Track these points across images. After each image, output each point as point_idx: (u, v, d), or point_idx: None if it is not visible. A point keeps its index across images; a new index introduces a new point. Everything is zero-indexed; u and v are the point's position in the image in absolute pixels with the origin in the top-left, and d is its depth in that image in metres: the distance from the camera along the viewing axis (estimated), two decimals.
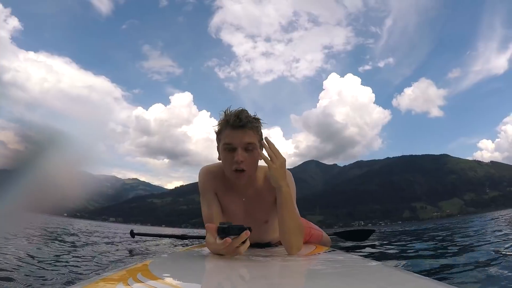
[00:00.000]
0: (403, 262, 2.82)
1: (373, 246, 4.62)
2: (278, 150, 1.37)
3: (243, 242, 1.14)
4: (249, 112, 1.46)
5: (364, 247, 4.49)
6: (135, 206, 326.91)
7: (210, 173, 1.62)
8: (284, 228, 1.39)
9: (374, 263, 1.12)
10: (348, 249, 4.18)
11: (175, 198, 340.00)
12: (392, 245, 4.84)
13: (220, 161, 1.55)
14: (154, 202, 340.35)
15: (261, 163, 1.53)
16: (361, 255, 1.70)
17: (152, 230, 20.05)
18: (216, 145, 1.56)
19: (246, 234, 1.12)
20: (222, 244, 1.11)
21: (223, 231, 1.13)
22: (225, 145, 1.43)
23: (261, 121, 1.50)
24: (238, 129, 1.40)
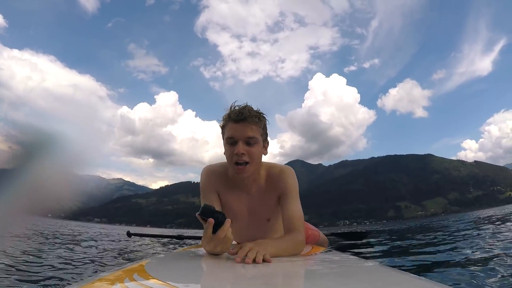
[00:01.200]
0: (400, 262, 2.82)
1: (370, 247, 4.59)
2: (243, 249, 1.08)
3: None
4: (253, 108, 1.46)
5: (361, 247, 4.47)
6: (120, 207, 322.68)
7: (212, 173, 1.61)
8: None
9: (370, 263, 1.11)
10: (345, 250, 4.15)
11: (160, 198, 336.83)
12: (389, 245, 4.83)
13: (224, 161, 1.56)
14: (139, 202, 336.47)
15: (264, 159, 1.54)
16: (357, 256, 1.73)
17: (143, 230, 20.25)
18: (222, 141, 1.54)
19: (228, 222, 1.11)
20: (207, 228, 1.09)
21: (207, 212, 1.10)
22: (227, 139, 1.43)
23: (264, 115, 1.48)
24: (239, 122, 1.40)
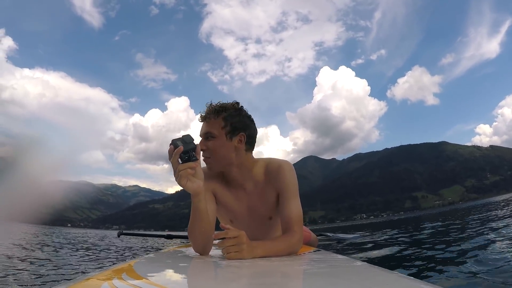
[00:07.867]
0: (389, 262, 2.84)
1: (359, 248, 4.60)
2: (226, 232, 1.16)
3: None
4: (217, 103, 1.51)
5: (351, 248, 4.47)
6: (138, 213, 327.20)
7: (206, 173, 1.59)
8: None
9: (359, 263, 1.12)
10: (334, 249, 4.13)
11: (177, 202, 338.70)
12: (378, 244, 4.82)
13: None
14: (156, 207, 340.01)
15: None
16: (346, 255, 1.72)
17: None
18: None
19: (196, 164, 1.16)
20: (175, 154, 1.14)
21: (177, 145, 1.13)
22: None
23: (229, 108, 1.50)
24: (202, 122, 1.51)
